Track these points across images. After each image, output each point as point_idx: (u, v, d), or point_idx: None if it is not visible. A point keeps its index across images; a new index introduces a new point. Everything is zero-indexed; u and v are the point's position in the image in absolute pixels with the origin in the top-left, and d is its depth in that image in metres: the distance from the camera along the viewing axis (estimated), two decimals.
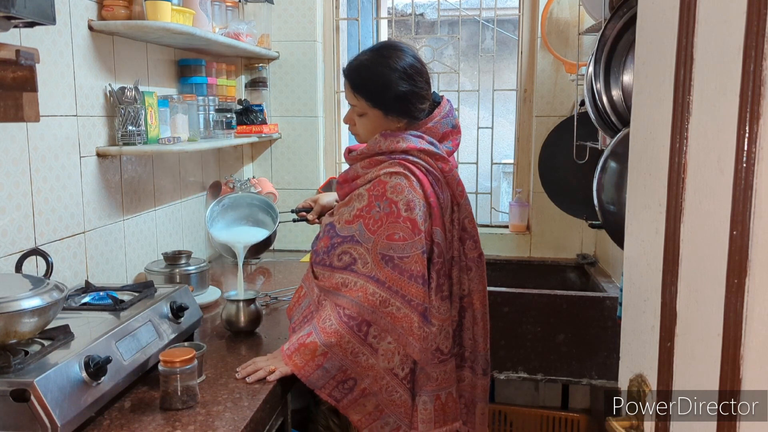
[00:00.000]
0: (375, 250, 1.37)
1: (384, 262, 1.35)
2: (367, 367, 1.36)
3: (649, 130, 0.80)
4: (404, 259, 1.35)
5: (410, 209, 1.36)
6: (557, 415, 2.55)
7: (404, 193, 1.37)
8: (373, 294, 1.35)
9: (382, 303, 1.34)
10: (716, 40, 0.65)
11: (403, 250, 1.35)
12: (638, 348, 0.83)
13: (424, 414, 1.40)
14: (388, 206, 1.37)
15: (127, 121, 1.77)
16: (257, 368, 1.37)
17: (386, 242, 1.36)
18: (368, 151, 1.47)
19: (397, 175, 1.39)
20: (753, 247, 0.59)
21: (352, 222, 1.41)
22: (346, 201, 1.47)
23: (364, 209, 1.40)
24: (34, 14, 1.24)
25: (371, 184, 1.41)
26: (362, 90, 1.46)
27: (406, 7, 3.08)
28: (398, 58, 1.45)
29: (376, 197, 1.39)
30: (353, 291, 1.37)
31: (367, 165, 1.46)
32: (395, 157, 1.42)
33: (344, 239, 1.41)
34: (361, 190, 1.43)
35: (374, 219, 1.38)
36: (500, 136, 2.90)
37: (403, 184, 1.38)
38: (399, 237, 1.36)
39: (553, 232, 2.71)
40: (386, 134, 1.45)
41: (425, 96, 1.47)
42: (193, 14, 1.90)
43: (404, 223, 1.36)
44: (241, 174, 2.63)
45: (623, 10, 1.60)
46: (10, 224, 1.42)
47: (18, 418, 1.01)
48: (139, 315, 1.34)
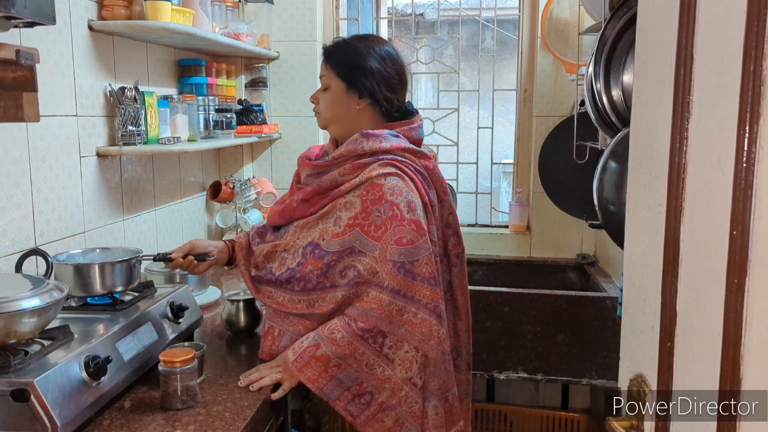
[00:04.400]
0: (384, 258, 1.29)
1: (396, 270, 1.28)
2: (384, 379, 1.30)
3: (649, 130, 0.80)
4: (415, 263, 1.30)
5: (412, 210, 1.31)
6: (557, 415, 2.55)
7: (403, 194, 1.32)
8: (389, 304, 1.28)
9: (399, 312, 1.28)
10: (716, 40, 0.65)
11: (413, 254, 1.30)
12: (638, 348, 0.83)
13: (436, 419, 1.36)
14: (390, 209, 1.30)
15: (127, 121, 1.77)
16: (262, 376, 1.32)
17: (395, 247, 1.29)
18: (349, 154, 1.38)
19: (392, 176, 1.33)
20: (753, 247, 0.59)
21: (343, 233, 1.32)
22: (322, 214, 1.38)
23: (358, 216, 1.32)
24: (34, 14, 1.24)
25: (362, 189, 1.33)
26: (332, 58, 1.44)
27: (406, 7, 3.08)
28: (378, 43, 1.46)
29: (373, 201, 1.31)
30: (365, 302, 1.29)
31: (348, 171, 1.36)
32: (382, 158, 1.36)
33: (341, 253, 1.32)
34: (350, 197, 1.34)
35: (375, 225, 1.30)
36: (500, 136, 2.91)
37: (400, 185, 1.33)
38: (407, 240, 1.29)
39: (553, 232, 2.71)
40: (366, 134, 1.38)
41: (393, 87, 1.43)
42: (193, 14, 1.90)
43: (409, 226, 1.30)
44: (241, 174, 2.62)
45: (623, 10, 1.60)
46: (10, 224, 1.42)
47: (18, 418, 1.01)
48: (139, 315, 1.34)
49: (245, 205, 2.47)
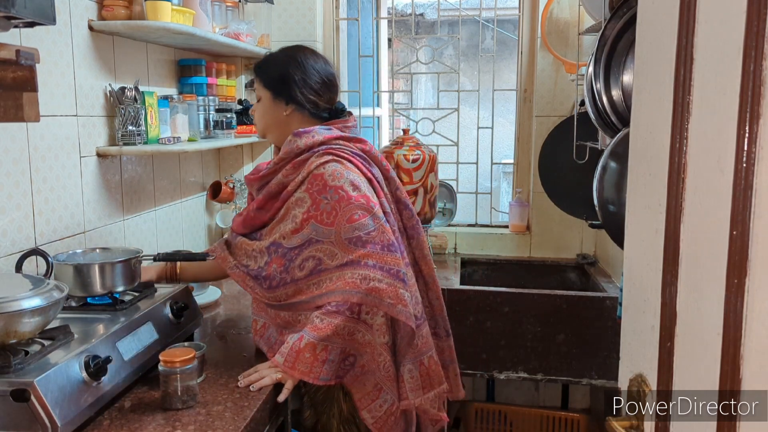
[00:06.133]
0: (339, 239, 1.35)
1: (352, 245, 1.35)
2: (364, 343, 1.35)
3: (649, 130, 0.80)
4: (371, 233, 1.36)
5: (357, 188, 1.38)
6: (557, 415, 2.55)
7: (344, 176, 1.39)
8: (352, 276, 1.33)
9: (364, 280, 1.32)
10: (716, 40, 0.66)
11: (367, 226, 1.36)
12: (638, 348, 0.83)
13: (411, 383, 1.40)
14: (335, 193, 1.37)
15: (127, 121, 1.77)
16: (262, 376, 1.33)
17: (347, 226, 1.35)
18: (287, 155, 1.46)
19: (330, 162, 1.41)
20: (753, 247, 0.59)
21: (300, 229, 1.39)
22: (280, 218, 1.44)
23: (311, 209, 1.38)
24: (34, 14, 1.24)
25: (306, 183, 1.40)
26: (260, 71, 1.55)
27: (406, 7, 3.08)
28: (300, 51, 1.55)
29: (319, 191, 1.38)
30: (332, 284, 1.35)
31: (290, 170, 1.44)
32: (317, 150, 1.44)
33: (300, 247, 1.39)
34: (299, 194, 1.41)
35: (327, 212, 1.37)
36: (500, 136, 2.90)
37: (339, 168, 1.40)
38: (358, 216, 1.36)
39: (553, 232, 2.71)
40: (298, 133, 1.46)
41: (317, 90, 1.51)
42: (193, 14, 1.90)
43: (357, 201, 1.37)
44: (241, 174, 2.62)
45: (623, 10, 1.60)
46: (10, 224, 1.42)
47: (18, 418, 1.01)
48: (139, 315, 1.34)
49: (245, 205, 2.46)
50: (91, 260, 1.43)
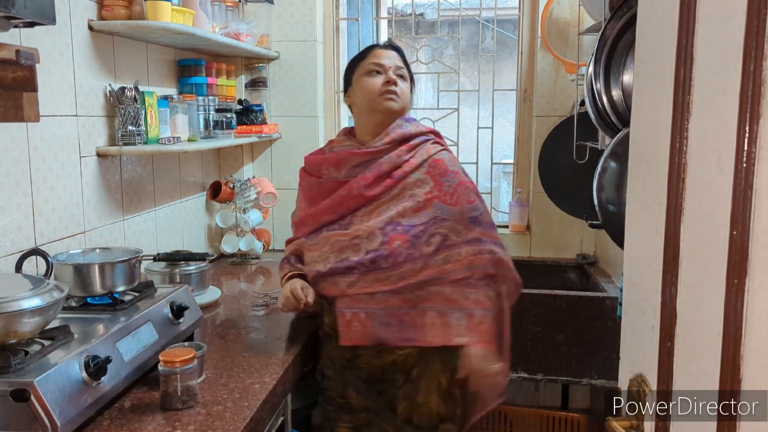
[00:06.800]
0: (464, 218, 1.50)
1: (474, 224, 1.50)
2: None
3: (649, 130, 0.80)
4: (483, 214, 1.54)
5: (466, 174, 1.59)
6: (557, 415, 2.55)
7: (457, 163, 1.60)
8: (479, 252, 1.48)
9: (491, 254, 1.49)
10: (716, 40, 0.65)
11: (479, 208, 1.53)
12: (638, 348, 0.83)
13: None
14: (455, 177, 1.54)
15: (127, 121, 1.77)
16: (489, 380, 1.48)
17: (468, 206, 1.51)
18: (399, 137, 1.58)
19: (443, 151, 1.60)
20: (753, 247, 0.59)
21: (424, 207, 1.50)
22: (393, 196, 1.53)
23: (434, 189, 1.51)
24: (34, 14, 1.24)
25: (427, 166, 1.55)
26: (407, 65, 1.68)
27: (406, 7, 3.08)
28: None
29: (441, 174, 1.53)
30: (464, 260, 1.47)
31: (405, 151, 1.56)
32: (428, 138, 1.61)
33: (426, 224, 1.48)
34: (418, 176, 1.53)
35: (449, 194, 1.51)
36: (500, 136, 2.90)
37: (452, 156, 1.61)
38: (472, 198, 1.53)
39: (553, 232, 2.71)
40: (408, 119, 1.63)
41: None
42: (193, 14, 1.90)
43: (470, 186, 1.56)
44: (241, 174, 2.63)
45: (623, 10, 1.60)
46: (10, 224, 1.42)
47: (18, 418, 1.01)
48: (139, 315, 1.34)
49: (245, 205, 2.47)
50: (91, 260, 1.43)
